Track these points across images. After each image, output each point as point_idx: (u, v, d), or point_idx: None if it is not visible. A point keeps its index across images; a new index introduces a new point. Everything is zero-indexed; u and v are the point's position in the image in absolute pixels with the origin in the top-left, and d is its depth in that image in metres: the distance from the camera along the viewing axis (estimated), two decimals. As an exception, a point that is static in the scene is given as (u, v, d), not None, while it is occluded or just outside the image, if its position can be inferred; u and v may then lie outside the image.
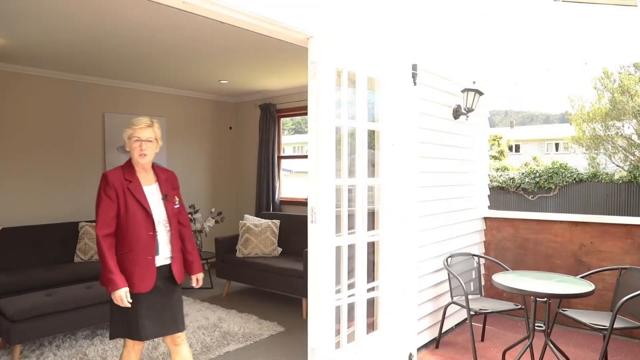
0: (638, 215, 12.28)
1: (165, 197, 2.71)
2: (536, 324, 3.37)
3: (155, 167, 2.78)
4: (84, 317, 3.98)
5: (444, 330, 4.14)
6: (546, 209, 16.04)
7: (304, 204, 6.71)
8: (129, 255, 2.56)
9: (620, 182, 15.14)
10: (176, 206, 2.78)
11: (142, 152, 2.62)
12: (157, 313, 2.65)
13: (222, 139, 7.55)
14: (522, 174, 16.66)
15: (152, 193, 2.69)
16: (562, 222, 4.68)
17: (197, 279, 2.93)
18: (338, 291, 3.04)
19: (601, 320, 3.43)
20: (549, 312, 3.33)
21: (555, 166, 16.21)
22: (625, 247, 4.32)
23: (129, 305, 2.49)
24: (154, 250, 2.61)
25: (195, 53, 4.78)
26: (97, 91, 6.00)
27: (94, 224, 5.42)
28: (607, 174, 15.71)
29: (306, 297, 4.69)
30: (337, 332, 3.06)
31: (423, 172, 3.87)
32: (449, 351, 3.97)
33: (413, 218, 3.68)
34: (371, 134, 3.28)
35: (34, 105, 5.44)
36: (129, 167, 2.67)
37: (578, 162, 17.58)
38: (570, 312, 3.59)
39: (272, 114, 6.83)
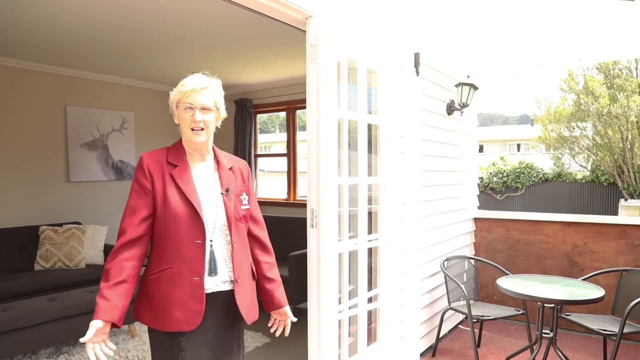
0: (600, 213, 12.57)
1: (227, 192, 1.87)
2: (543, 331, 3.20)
3: (217, 152, 1.99)
4: (47, 334, 3.53)
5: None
6: (513, 207, 16.32)
7: (282, 204, 6.40)
8: (167, 273, 1.74)
9: (584, 181, 15.58)
10: (244, 206, 1.93)
11: (197, 126, 1.81)
12: None
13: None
14: (490, 173, 16.89)
15: (207, 185, 1.86)
16: (554, 222, 4.56)
17: (283, 315, 2.06)
18: (338, 301, 2.76)
19: (606, 325, 3.30)
20: (556, 318, 3.18)
21: (522, 166, 16.50)
22: (619, 248, 4.23)
23: (95, 357, 1.61)
24: (203, 268, 1.75)
25: (167, 43, 4.39)
26: (57, 82, 5.48)
27: (56, 227, 4.94)
28: (570, 173, 16.14)
29: (293, 304, 4.41)
30: (338, 345, 2.78)
31: (422, 170, 3.65)
32: (446, 359, 3.76)
33: (416, 218, 3.45)
34: (370, 130, 3.02)
35: (-14, 97, 4.91)
36: (177, 147, 1.89)
37: (542, 162, 17.99)
38: (574, 317, 3.44)
39: (249, 109, 6.48)
